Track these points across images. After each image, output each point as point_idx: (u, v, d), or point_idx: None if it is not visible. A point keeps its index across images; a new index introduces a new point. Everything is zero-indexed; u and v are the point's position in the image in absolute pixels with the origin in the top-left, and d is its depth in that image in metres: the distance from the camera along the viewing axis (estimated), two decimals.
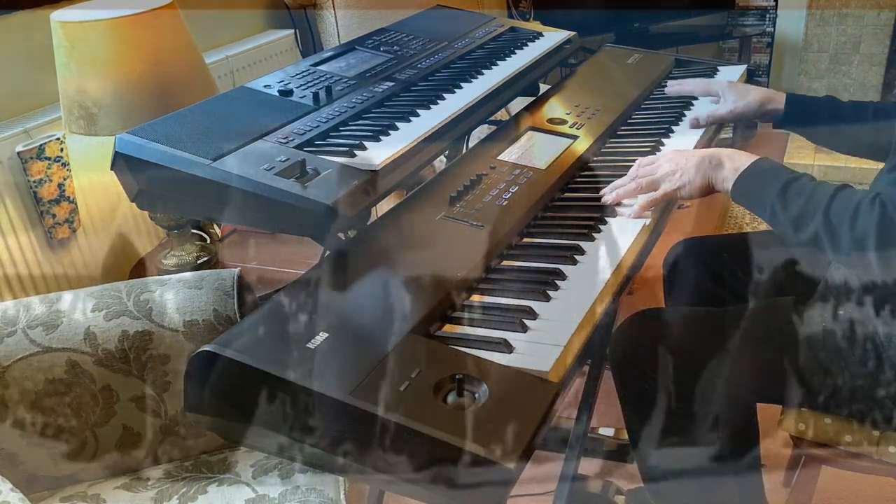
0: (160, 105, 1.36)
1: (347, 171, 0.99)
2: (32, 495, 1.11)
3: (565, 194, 1.15)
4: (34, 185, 1.50)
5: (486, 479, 0.66)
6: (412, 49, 1.48)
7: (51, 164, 1.51)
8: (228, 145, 1.01)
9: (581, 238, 1.01)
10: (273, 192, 0.93)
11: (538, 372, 0.75)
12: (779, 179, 0.99)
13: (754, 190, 1.01)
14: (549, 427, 0.72)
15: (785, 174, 1.00)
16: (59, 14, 1.38)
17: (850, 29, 3.12)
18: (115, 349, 1.10)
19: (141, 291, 1.13)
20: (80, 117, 1.40)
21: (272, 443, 0.77)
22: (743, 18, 3.43)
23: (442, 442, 0.67)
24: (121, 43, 1.35)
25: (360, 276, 0.88)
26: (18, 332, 1.09)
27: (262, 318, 0.80)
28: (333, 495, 1.05)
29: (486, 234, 0.98)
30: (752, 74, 3.35)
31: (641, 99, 1.49)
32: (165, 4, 1.39)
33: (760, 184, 1.01)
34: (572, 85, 1.53)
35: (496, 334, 0.80)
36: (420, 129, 1.13)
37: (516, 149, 1.23)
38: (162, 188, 1.03)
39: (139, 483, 1.12)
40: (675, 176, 1.06)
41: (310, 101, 1.19)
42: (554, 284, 0.90)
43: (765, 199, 0.99)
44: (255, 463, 1.12)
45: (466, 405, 0.70)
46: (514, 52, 1.52)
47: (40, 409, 1.09)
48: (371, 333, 0.79)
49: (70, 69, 1.37)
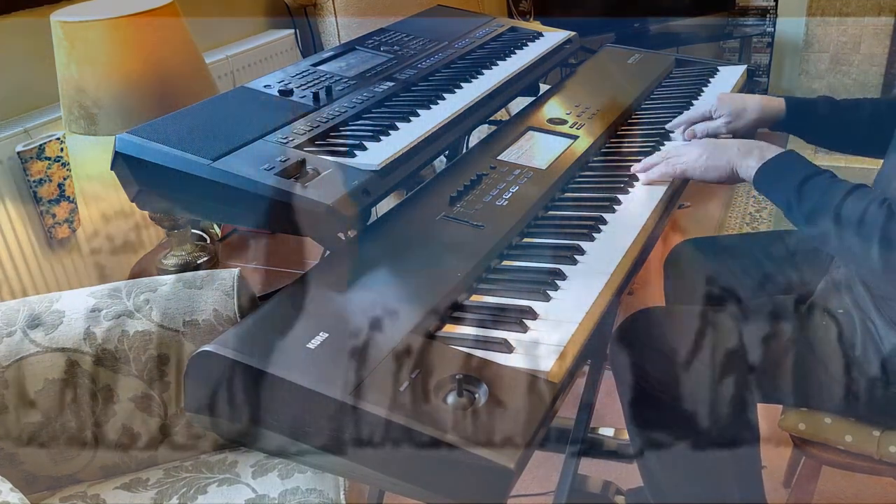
0: (160, 105, 1.36)
1: (347, 171, 0.99)
2: (32, 495, 1.10)
3: (565, 194, 1.15)
4: (34, 185, 1.50)
5: (487, 479, 0.66)
6: (412, 49, 1.48)
7: (51, 164, 1.51)
8: (228, 145, 1.01)
9: (581, 238, 1.01)
10: (273, 192, 0.93)
11: (538, 372, 0.75)
12: (800, 173, 1.00)
13: (775, 180, 1.03)
14: (548, 427, 0.72)
15: (807, 168, 1.01)
16: (59, 14, 1.38)
17: (851, 29, 3.12)
18: (115, 349, 1.10)
19: (141, 291, 1.13)
20: (80, 117, 1.40)
21: (272, 443, 0.77)
22: (743, 18, 3.43)
23: (442, 442, 0.67)
24: (121, 43, 1.35)
25: (360, 276, 0.88)
26: (18, 332, 1.09)
27: (262, 318, 0.80)
28: (333, 495, 1.05)
29: (486, 234, 0.98)
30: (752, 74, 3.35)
31: (641, 99, 1.49)
32: (165, 4, 1.39)
33: (782, 175, 1.02)
34: (572, 85, 1.53)
35: (496, 334, 0.80)
36: (420, 129, 1.13)
37: (516, 149, 1.23)
38: (162, 188, 1.03)
39: (139, 483, 1.12)
40: (701, 158, 1.10)
41: (310, 101, 1.19)
42: (554, 284, 0.90)
43: (783, 191, 1.01)
44: (255, 463, 1.12)
45: (466, 405, 0.70)
46: (514, 52, 1.51)
47: (40, 410, 1.09)
48: (371, 333, 0.79)
49: (70, 69, 1.37)
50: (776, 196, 1.04)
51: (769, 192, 1.05)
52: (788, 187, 1.00)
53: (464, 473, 0.67)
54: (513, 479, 0.66)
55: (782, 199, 1.02)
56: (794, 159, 1.04)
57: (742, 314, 1.13)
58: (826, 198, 0.96)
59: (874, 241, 0.90)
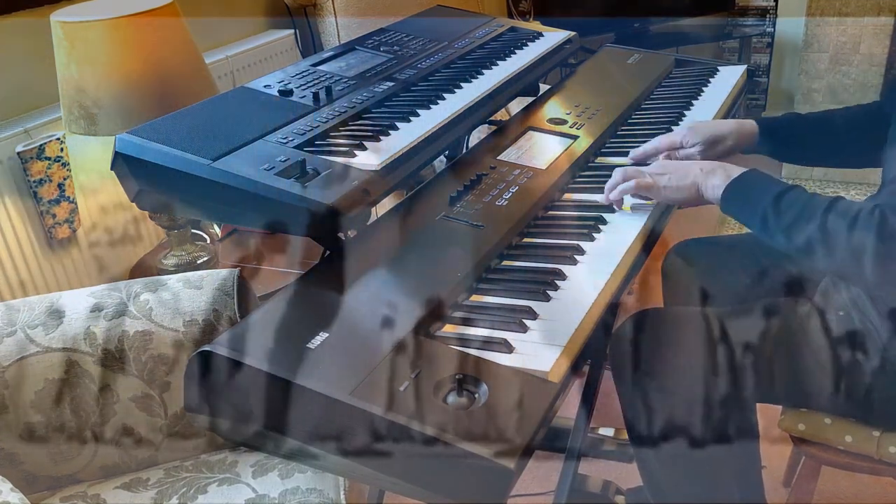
0: (160, 105, 1.36)
1: (347, 171, 0.99)
2: (32, 495, 1.10)
3: (565, 194, 1.15)
4: (34, 185, 1.50)
5: (487, 479, 0.66)
6: (412, 49, 1.48)
7: (51, 164, 1.51)
8: (228, 145, 1.01)
9: (581, 238, 1.01)
10: (273, 192, 0.93)
11: (538, 372, 0.75)
12: (772, 188, 0.98)
13: (746, 198, 1.00)
14: (548, 427, 0.72)
15: (778, 184, 0.99)
16: (59, 14, 1.38)
17: (850, 29, 3.12)
18: (115, 349, 1.10)
19: (141, 291, 1.13)
20: (80, 117, 1.40)
21: (272, 443, 0.77)
22: (743, 18, 3.43)
23: (442, 442, 0.67)
24: (121, 43, 1.35)
25: (360, 276, 0.88)
26: (18, 332, 1.09)
27: (261, 318, 0.80)
28: (333, 495, 1.05)
29: (486, 234, 0.98)
30: (752, 74, 3.35)
31: (641, 99, 1.49)
32: (165, 4, 1.39)
33: (753, 192, 1.00)
34: (572, 85, 1.53)
35: (496, 334, 0.80)
36: (420, 129, 1.13)
37: (516, 149, 1.23)
38: (162, 188, 1.03)
39: (139, 483, 1.12)
40: (663, 178, 1.06)
41: (310, 101, 1.19)
42: (554, 284, 0.90)
43: (757, 207, 0.98)
44: (255, 463, 1.12)
45: (466, 405, 0.70)
46: (514, 52, 1.51)
47: (40, 409, 1.09)
48: (371, 333, 0.79)
49: (70, 69, 1.37)
50: (747, 213, 1.00)
51: (739, 210, 1.01)
52: (761, 204, 0.97)
53: (464, 473, 0.67)
54: (513, 478, 0.66)
55: (755, 216, 0.98)
56: (762, 176, 1.01)
57: (741, 314, 1.13)
58: (807, 211, 0.93)
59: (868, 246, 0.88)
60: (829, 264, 0.94)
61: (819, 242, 0.92)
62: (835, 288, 1.11)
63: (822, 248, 0.92)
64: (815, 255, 0.93)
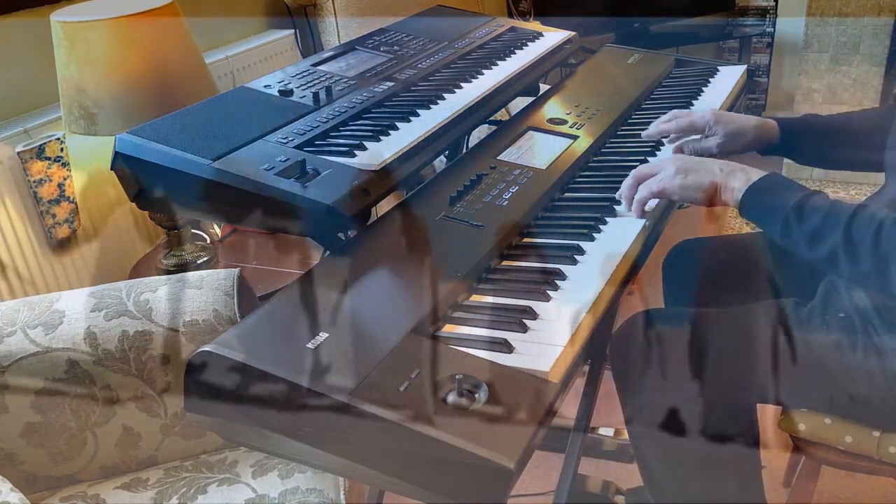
0: (160, 105, 1.36)
1: (347, 171, 0.99)
2: (32, 495, 1.11)
3: (565, 194, 1.15)
4: (34, 185, 1.50)
5: (487, 479, 0.66)
6: (412, 49, 1.48)
7: (51, 164, 1.51)
8: (228, 145, 1.01)
9: (581, 238, 1.01)
10: (273, 192, 0.93)
11: (538, 372, 0.75)
12: (795, 193, 0.95)
13: (766, 203, 0.97)
14: (548, 427, 0.72)
15: (801, 189, 0.96)
16: (59, 14, 1.38)
17: (850, 29, 3.12)
18: (115, 349, 1.10)
19: (141, 291, 1.13)
20: (80, 117, 1.40)
21: (272, 443, 0.77)
22: (743, 19, 3.43)
23: (442, 442, 0.67)
24: (121, 43, 1.35)
25: (360, 276, 0.88)
26: (18, 332, 1.09)
27: (261, 318, 0.80)
28: (333, 495, 1.05)
29: (486, 234, 0.98)
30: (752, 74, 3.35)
31: (641, 99, 1.49)
32: (165, 4, 1.39)
33: (774, 197, 0.97)
34: (572, 85, 1.53)
35: (496, 334, 0.80)
36: (420, 129, 1.13)
37: (516, 149, 1.23)
38: (162, 188, 1.03)
39: (139, 483, 1.12)
40: (678, 176, 1.02)
41: (310, 101, 1.19)
42: (554, 284, 0.90)
43: (778, 212, 0.95)
44: (255, 463, 1.12)
45: (466, 405, 0.70)
46: (514, 52, 1.51)
47: (40, 409, 1.09)
48: (371, 333, 0.79)
49: (70, 69, 1.37)
50: (768, 218, 0.97)
51: (759, 214, 0.99)
52: (784, 209, 0.94)
53: (463, 473, 0.67)
54: (513, 478, 0.66)
55: (776, 222, 0.96)
56: (783, 180, 0.99)
57: (741, 315, 1.13)
58: (831, 218, 0.91)
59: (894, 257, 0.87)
60: (853, 273, 0.91)
61: (843, 251, 0.90)
62: (835, 289, 1.11)
63: (846, 256, 0.90)
64: (838, 263, 0.91)
